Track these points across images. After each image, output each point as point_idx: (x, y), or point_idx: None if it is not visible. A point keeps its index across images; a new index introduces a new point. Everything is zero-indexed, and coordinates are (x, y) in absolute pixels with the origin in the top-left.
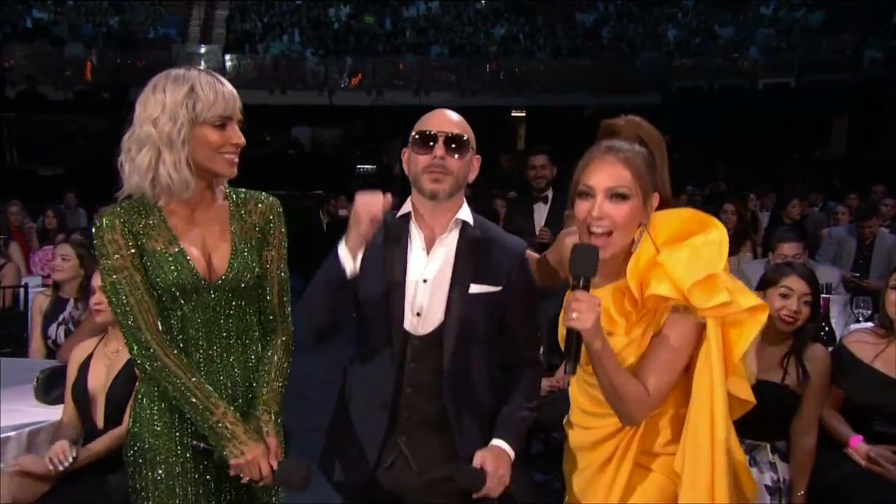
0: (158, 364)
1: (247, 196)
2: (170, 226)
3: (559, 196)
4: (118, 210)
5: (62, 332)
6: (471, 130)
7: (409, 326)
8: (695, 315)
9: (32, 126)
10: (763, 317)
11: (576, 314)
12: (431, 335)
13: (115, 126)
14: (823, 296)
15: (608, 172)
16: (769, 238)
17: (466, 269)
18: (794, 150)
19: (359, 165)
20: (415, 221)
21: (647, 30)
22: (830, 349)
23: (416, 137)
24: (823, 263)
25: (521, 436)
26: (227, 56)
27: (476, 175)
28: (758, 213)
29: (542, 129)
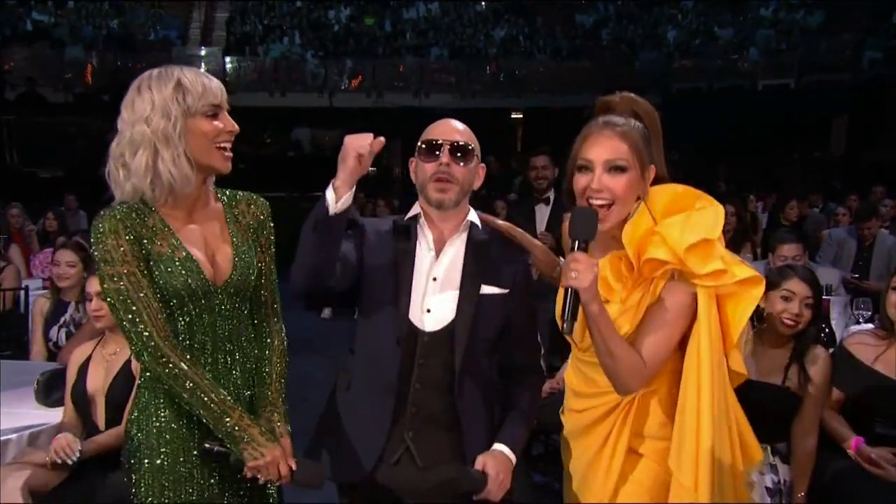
0: (174, 370)
1: (237, 196)
2: (171, 228)
3: (561, 197)
4: (118, 214)
5: (63, 335)
6: (476, 140)
7: (418, 323)
8: (690, 284)
9: (33, 128)
10: (758, 291)
11: (574, 273)
12: (442, 332)
13: (116, 128)
14: (824, 297)
15: (606, 146)
16: (769, 239)
17: (476, 270)
18: (794, 151)
19: None
20: (423, 222)
21: (647, 31)
22: (831, 351)
23: (422, 146)
24: (823, 265)
25: (523, 441)
26: (228, 58)
27: (481, 183)
28: (758, 215)
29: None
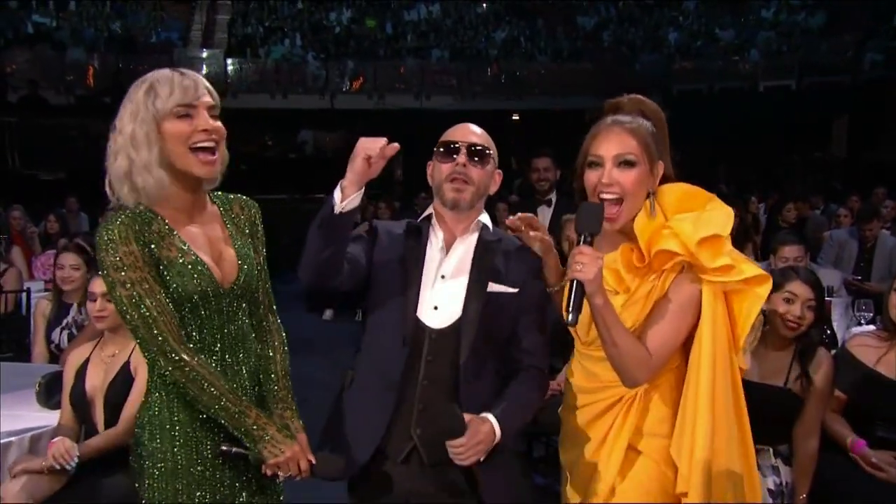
0: (192, 373)
1: (229, 199)
2: (177, 233)
3: (563, 199)
4: (124, 220)
5: (65, 337)
6: (494, 145)
7: (426, 320)
8: (698, 279)
9: (34, 131)
10: (765, 290)
11: (579, 265)
12: (449, 329)
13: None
14: (825, 299)
15: (615, 141)
16: (770, 241)
17: (485, 269)
18: (795, 152)
19: None
20: (436, 222)
21: (648, 33)
22: (833, 352)
23: (440, 148)
24: (825, 266)
25: (514, 424)
26: (229, 60)
27: (497, 188)
28: (759, 216)
29: (543, 132)
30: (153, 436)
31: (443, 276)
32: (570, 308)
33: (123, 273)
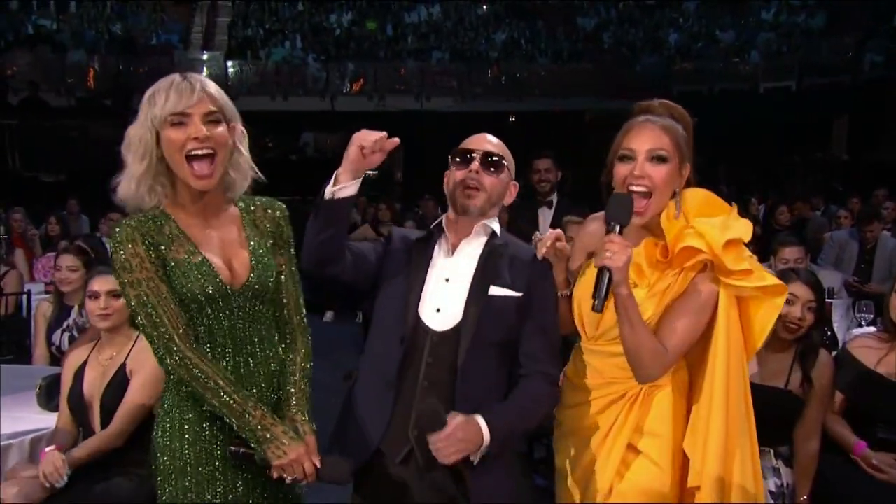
0: (196, 372)
1: (254, 201)
2: (188, 234)
3: (563, 200)
4: (134, 222)
5: (66, 339)
6: (511, 156)
7: (428, 322)
8: (717, 282)
9: (35, 133)
10: (781, 300)
11: (609, 253)
12: (450, 332)
13: (118, 132)
14: (826, 300)
15: (648, 136)
16: (770, 242)
17: (488, 272)
18: (795, 153)
19: None
20: (445, 227)
21: (648, 34)
22: (833, 354)
23: (456, 157)
24: (825, 267)
25: (508, 428)
26: (230, 62)
27: (512, 200)
28: (760, 218)
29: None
30: (165, 433)
31: (447, 280)
32: (597, 295)
33: (131, 274)
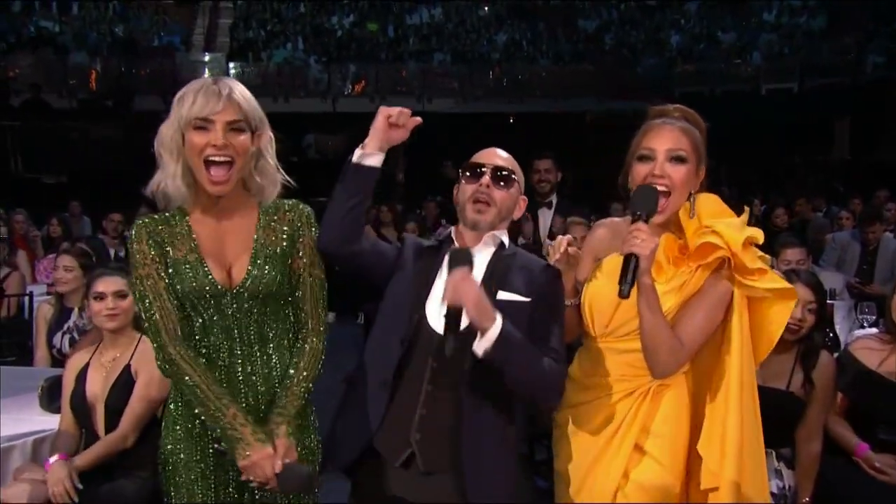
0: (174, 367)
1: (279, 205)
2: (194, 235)
3: (563, 201)
4: (146, 221)
5: (67, 341)
6: (521, 171)
7: (435, 325)
8: (732, 280)
9: (37, 134)
10: (791, 304)
11: (637, 240)
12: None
13: (120, 134)
14: (828, 301)
15: (668, 136)
16: (770, 244)
17: (496, 278)
18: (797, 154)
19: None
20: (455, 240)
21: (650, 35)
22: (835, 355)
23: (466, 171)
24: (827, 269)
25: (516, 345)
26: (231, 64)
27: (521, 214)
28: (761, 219)
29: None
30: (166, 429)
31: None
32: (624, 281)
33: (137, 270)
